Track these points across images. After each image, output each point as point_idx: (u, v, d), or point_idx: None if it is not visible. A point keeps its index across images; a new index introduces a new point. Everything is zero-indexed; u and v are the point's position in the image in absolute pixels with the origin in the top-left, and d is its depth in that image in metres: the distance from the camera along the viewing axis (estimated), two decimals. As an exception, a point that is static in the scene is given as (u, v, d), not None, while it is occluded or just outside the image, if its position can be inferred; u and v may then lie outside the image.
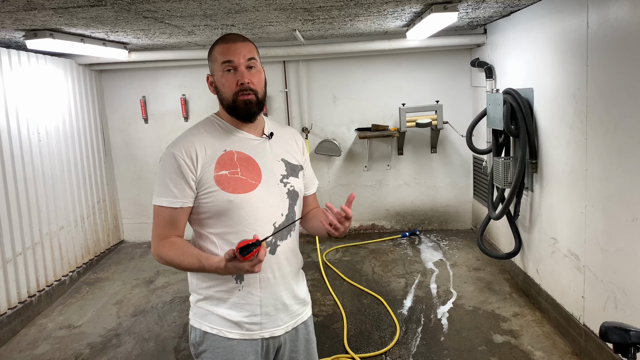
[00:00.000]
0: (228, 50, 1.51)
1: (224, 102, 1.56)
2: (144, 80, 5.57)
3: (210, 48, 1.58)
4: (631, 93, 2.36)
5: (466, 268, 4.46)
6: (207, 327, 1.56)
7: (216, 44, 1.55)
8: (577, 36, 2.85)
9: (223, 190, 1.50)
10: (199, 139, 1.54)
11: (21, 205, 3.92)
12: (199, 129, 1.59)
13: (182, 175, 1.50)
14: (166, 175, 1.51)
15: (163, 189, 1.51)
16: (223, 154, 1.54)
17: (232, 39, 1.54)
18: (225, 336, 1.55)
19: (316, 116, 5.55)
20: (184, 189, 1.50)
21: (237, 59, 1.50)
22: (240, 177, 1.53)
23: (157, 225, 1.55)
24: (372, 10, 3.31)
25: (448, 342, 3.24)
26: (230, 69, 1.51)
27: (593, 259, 2.80)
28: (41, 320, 3.93)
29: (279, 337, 1.62)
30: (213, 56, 1.55)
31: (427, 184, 5.58)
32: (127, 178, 5.77)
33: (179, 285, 4.48)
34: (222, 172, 1.52)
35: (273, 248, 1.57)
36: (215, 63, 1.54)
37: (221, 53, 1.52)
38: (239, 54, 1.51)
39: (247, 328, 1.56)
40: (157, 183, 1.54)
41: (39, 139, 4.23)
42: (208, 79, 1.60)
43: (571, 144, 3.00)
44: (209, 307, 1.56)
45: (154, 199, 1.54)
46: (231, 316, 1.55)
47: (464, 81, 5.31)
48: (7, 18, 2.86)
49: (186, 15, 3.10)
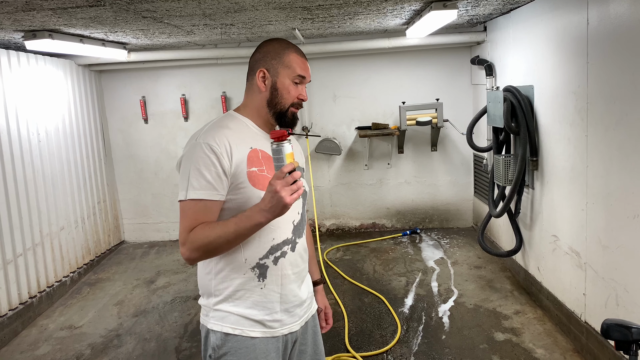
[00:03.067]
0: (305, 66, 1.61)
1: (278, 105, 1.58)
2: (143, 81, 5.56)
3: (278, 47, 1.59)
4: (632, 90, 2.35)
5: (467, 266, 4.46)
6: (228, 328, 1.54)
7: (290, 50, 1.59)
8: (577, 33, 2.84)
9: (254, 186, 1.49)
10: (229, 133, 1.51)
11: (21, 206, 3.92)
12: (226, 123, 1.56)
13: (220, 167, 1.45)
14: (202, 167, 1.44)
15: (199, 181, 1.43)
16: (251, 151, 1.53)
17: (304, 54, 1.64)
18: (248, 335, 1.54)
19: (316, 115, 5.54)
20: (222, 180, 1.46)
21: (308, 77, 1.62)
22: (266, 175, 1.53)
23: (191, 221, 1.44)
24: (372, 8, 3.31)
25: (449, 340, 3.24)
26: (298, 82, 1.59)
27: (594, 256, 2.79)
28: (42, 321, 3.93)
29: (296, 332, 1.65)
30: (287, 62, 1.57)
31: (428, 182, 5.57)
32: (128, 178, 5.77)
33: (180, 285, 4.48)
34: (253, 169, 1.51)
35: (293, 245, 1.60)
36: (287, 69, 1.57)
37: (300, 66, 1.58)
38: (309, 74, 1.63)
39: (269, 326, 1.56)
40: (191, 175, 1.44)
41: (39, 139, 4.23)
42: (261, 73, 1.57)
43: (572, 141, 2.99)
44: (229, 308, 1.54)
45: (187, 193, 1.44)
46: (253, 315, 1.54)
47: (464, 79, 5.30)
48: (6, 19, 2.86)
49: (185, 14, 3.09)
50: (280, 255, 1.56)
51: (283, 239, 1.57)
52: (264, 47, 1.61)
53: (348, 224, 5.74)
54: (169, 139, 5.64)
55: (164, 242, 5.78)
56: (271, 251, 1.55)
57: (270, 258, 1.55)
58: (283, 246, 1.57)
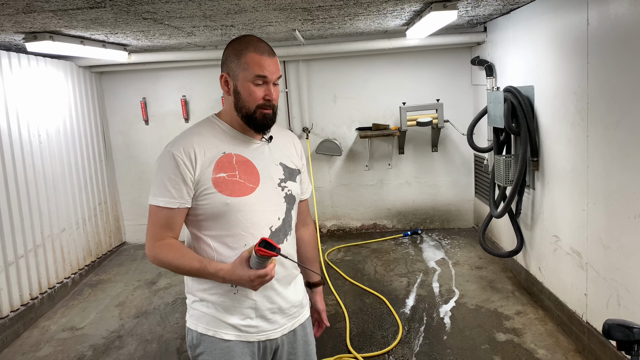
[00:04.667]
0: (263, 64, 1.49)
1: (243, 109, 1.52)
2: (144, 82, 5.57)
3: (237, 48, 1.51)
4: (632, 90, 2.35)
5: (468, 266, 4.46)
6: (203, 328, 1.55)
7: (248, 50, 1.49)
8: (578, 33, 2.84)
9: (220, 192, 1.49)
10: (198, 140, 1.52)
11: (22, 208, 3.92)
12: (199, 129, 1.57)
13: (180, 176, 1.48)
14: (164, 175, 1.49)
15: (160, 189, 1.49)
16: (222, 157, 1.53)
17: (265, 50, 1.51)
18: (222, 337, 1.54)
19: (317, 116, 5.55)
20: (181, 189, 1.48)
21: (271, 75, 1.50)
22: (238, 180, 1.52)
23: (153, 226, 1.52)
24: (372, 9, 3.31)
25: (451, 341, 3.24)
26: (261, 83, 1.50)
27: (595, 257, 2.79)
28: (44, 322, 3.93)
29: (276, 340, 1.61)
30: (243, 62, 1.49)
31: (429, 183, 5.57)
32: (128, 180, 5.78)
33: (181, 286, 4.48)
34: (220, 175, 1.50)
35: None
36: (245, 71, 1.49)
37: (257, 64, 1.48)
38: (272, 71, 1.50)
39: (243, 330, 1.55)
40: (155, 183, 1.51)
41: (40, 141, 4.24)
42: (223, 78, 1.53)
43: (572, 141, 2.99)
44: (205, 309, 1.55)
45: (150, 198, 1.52)
46: (226, 318, 1.54)
47: (465, 79, 5.30)
48: (7, 21, 2.86)
49: (185, 16, 3.10)
50: None
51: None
52: (226, 49, 1.55)
53: (349, 225, 5.74)
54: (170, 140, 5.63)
55: (165, 243, 5.78)
56: None
57: None
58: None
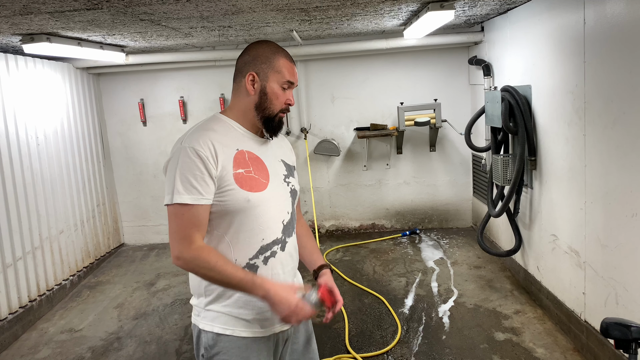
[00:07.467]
0: (294, 71, 1.60)
1: (266, 111, 1.58)
2: (142, 83, 5.56)
3: (269, 51, 1.57)
4: (629, 89, 2.36)
5: (467, 266, 4.46)
6: (219, 328, 1.55)
7: (280, 55, 1.58)
8: (574, 33, 2.85)
9: (241, 188, 1.50)
10: (214, 136, 1.52)
11: (21, 210, 3.92)
12: (211, 125, 1.57)
13: (205, 171, 1.45)
14: (187, 171, 1.44)
15: (185, 186, 1.44)
16: (237, 153, 1.54)
17: (292, 59, 1.63)
18: (240, 335, 1.55)
19: (315, 116, 5.55)
20: (208, 184, 1.46)
21: (296, 83, 1.62)
22: (253, 176, 1.54)
23: (182, 227, 1.46)
24: (369, 9, 3.31)
25: (450, 340, 3.24)
26: (286, 87, 1.59)
27: (593, 255, 2.79)
28: (42, 324, 3.93)
29: (287, 331, 1.65)
30: (277, 67, 1.56)
31: (427, 183, 5.58)
32: (127, 181, 5.77)
33: (179, 287, 4.48)
34: (240, 171, 1.52)
35: (283, 245, 1.61)
36: (277, 74, 1.56)
37: (289, 71, 1.58)
38: (297, 79, 1.63)
39: (260, 325, 1.57)
40: (175, 181, 1.45)
41: (38, 143, 4.23)
42: (250, 76, 1.56)
43: (570, 140, 3.00)
44: (220, 308, 1.55)
45: (173, 197, 1.44)
46: (243, 315, 1.55)
47: (462, 79, 5.31)
48: (4, 23, 2.86)
49: (183, 17, 3.10)
50: (270, 255, 1.57)
51: (273, 239, 1.57)
52: (253, 49, 1.59)
53: (347, 225, 5.74)
54: (168, 142, 5.64)
55: (163, 244, 5.77)
56: (261, 251, 1.55)
57: (260, 258, 1.55)
58: (273, 246, 1.58)
